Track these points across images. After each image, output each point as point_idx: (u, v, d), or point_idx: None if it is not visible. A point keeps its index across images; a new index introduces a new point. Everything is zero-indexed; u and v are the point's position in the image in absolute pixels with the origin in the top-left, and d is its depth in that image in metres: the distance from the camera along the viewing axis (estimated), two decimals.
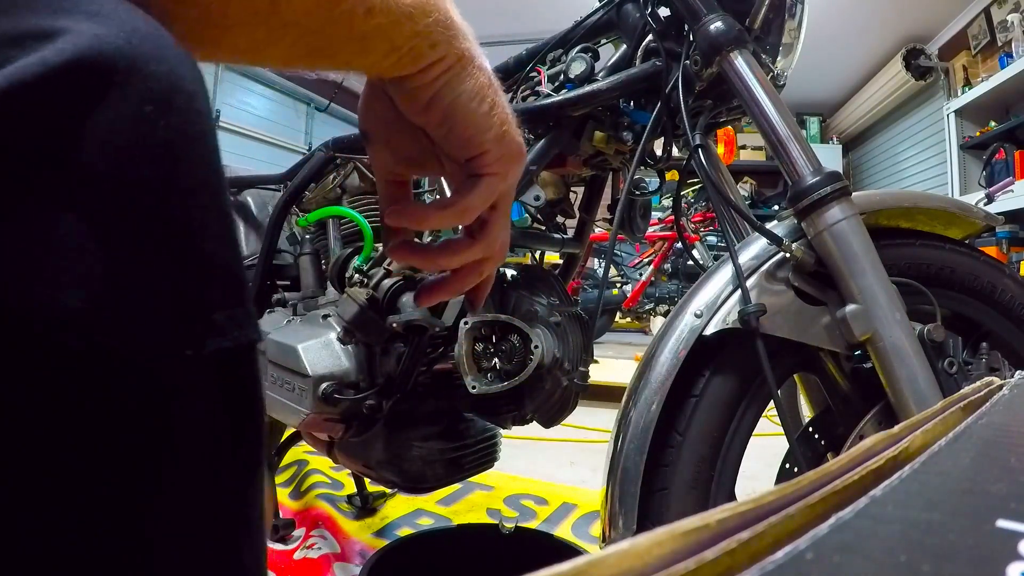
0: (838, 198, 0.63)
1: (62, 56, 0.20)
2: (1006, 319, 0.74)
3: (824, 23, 3.81)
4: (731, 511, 0.14)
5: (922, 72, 4.27)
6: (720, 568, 0.12)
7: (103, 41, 0.21)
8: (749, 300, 0.63)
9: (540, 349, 0.77)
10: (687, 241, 2.02)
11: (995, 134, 3.67)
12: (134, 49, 0.22)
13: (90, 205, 0.21)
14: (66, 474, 0.20)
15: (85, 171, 0.20)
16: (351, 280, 0.83)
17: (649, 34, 0.77)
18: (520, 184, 0.78)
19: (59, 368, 0.20)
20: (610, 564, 0.11)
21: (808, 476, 0.16)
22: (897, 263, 0.68)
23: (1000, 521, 0.14)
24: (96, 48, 0.21)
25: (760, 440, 0.78)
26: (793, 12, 0.79)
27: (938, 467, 0.19)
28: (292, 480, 1.57)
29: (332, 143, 0.99)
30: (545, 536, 1.16)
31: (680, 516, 0.13)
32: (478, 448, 0.93)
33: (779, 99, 0.67)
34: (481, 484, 1.52)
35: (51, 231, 0.20)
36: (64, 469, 0.20)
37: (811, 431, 0.74)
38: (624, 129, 0.82)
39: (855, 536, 0.14)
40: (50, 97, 0.20)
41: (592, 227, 1.03)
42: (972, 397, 0.27)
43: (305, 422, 0.82)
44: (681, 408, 0.64)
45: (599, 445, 1.89)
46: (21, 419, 0.19)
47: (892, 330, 0.61)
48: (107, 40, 0.21)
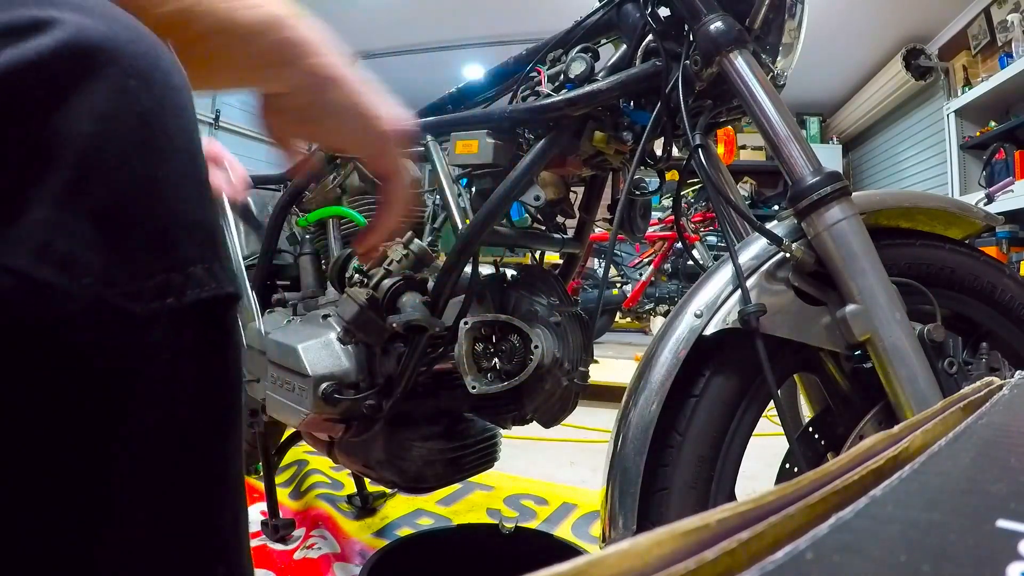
0: (838, 198, 0.63)
1: (57, 40, 0.23)
2: (1006, 319, 0.74)
3: (824, 23, 3.80)
4: (731, 511, 0.14)
5: (922, 72, 4.27)
6: (720, 568, 0.12)
7: (89, 28, 0.24)
8: (749, 300, 0.63)
9: (540, 349, 0.77)
10: (687, 241, 2.02)
11: (995, 134, 3.67)
12: (116, 35, 0.25)
13: (80, 166, 0.23)
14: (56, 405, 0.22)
15: (75, 137, 0.23)
16: (351, 280, 0.83)
17: (649, 34, 0.77)
18: (520, 184, 0.78)
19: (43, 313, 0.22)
20: (610, 564, 0.11)
21: (808, 476, 0.16)
22: (897, 263, 0.68)
23: (1000, 521, 0.14)
24: (85, 34, 0.24)
25: (760, 440, 0.78)
26: (793, 12, 0.79)
27: (938, 467, 0.19)
28: (292, 480, 1.57)
29: None
30: (545, 536, 1.16)
31: (680, 516, 0.13)
32: (478, 448, 0.93)
33: (779, 99, 0.67)
34: (481, 484, 1.52)
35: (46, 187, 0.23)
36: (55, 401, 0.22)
37: (811, 431, 0.74)
38: (624, 129, 0.82)
39: (855, 536, 0.14)
40: (46, 75, 0.23)
41: (592, 227, 1.03)
42: (972, 397, 0.27)
43: (305, 422, 0.82)
44: (681, 408, 0.64)
45: (599, 445, 1.89)
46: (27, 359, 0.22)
47: (892, 330, 0.61)
48: (93, 28, 0.24)
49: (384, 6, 4.13)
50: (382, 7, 4.13)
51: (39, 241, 0.22)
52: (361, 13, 4.21)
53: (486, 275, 0.88)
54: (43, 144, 0.23)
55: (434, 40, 4.52)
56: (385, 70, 5.02)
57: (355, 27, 4.41)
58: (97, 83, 0.24)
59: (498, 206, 0.78)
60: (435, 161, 0.86)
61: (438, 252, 0.90)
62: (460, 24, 4.27)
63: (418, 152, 0.99)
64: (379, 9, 4.15)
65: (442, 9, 4.11)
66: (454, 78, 1.23)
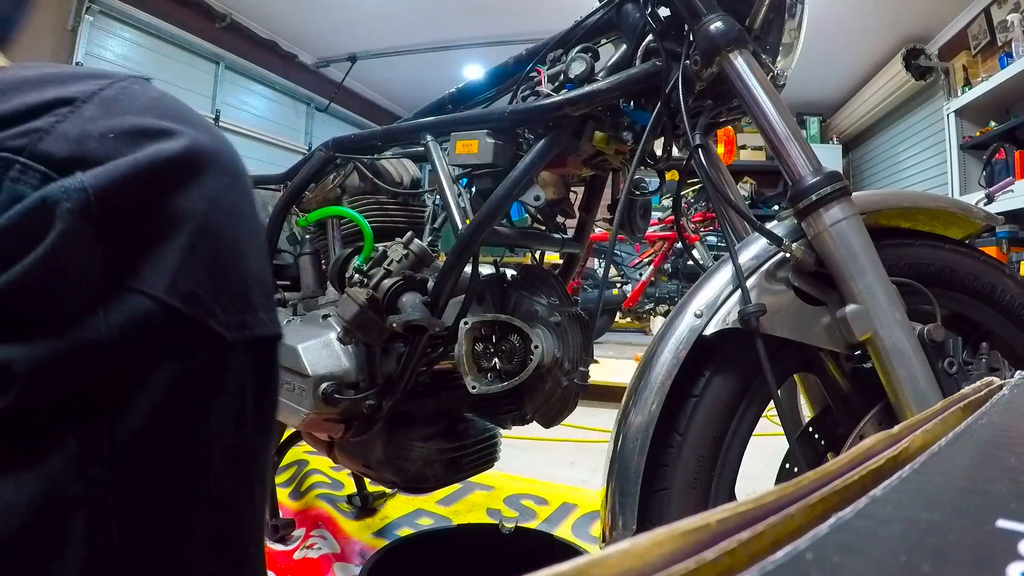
0: (838, 198, 0.63)
1: (182, 146, 0.34)
2: (1006, 319, 0.74)
3: (824, 23, 3.80)
4: (731, 511, 0.14)
5: (922, 72, 4.27)
6: (720, 568, 0.12)
7: (201, 139, 0.35)
8: (749, 300, 0.63)
9: (540, 349, 0.77)
10: (687, 241, 2.02)
11: (995, 134, 3.66)
12: (215, 145, 0.36)
13: (196, 232, 0.34)
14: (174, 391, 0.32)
15: (194, 212, 0.34)
16: (351, 280, 0.83)
17: (649, 34, 0.77)
18: (520, 184, 0.78)
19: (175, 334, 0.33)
20: (610, 564, 0.11)
21: (808, 476, 0.16)
22: (897, 263, 0.68)
23: (1000, 521, 0.14)
24: (198, 143, 0.35)
25: (760, 440, 0.78)
26: (793, 12, 0.79)
27: (938, 467, 0.19)
28: (292, 480, 1.57)
29: (332, 143, 0.99)
30: (545, 536, 1.16)
31: (680, 516, 0.13)
32: (478, 448, 0.93)
33: (779, 99, 0.67)
34: (481, 484, 1.52)
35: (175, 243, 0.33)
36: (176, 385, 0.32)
37: (811, 431, 0.74)
38: (624, 129, 0.82)
39: (855, 536, 0.14)
40: (177, 168, 0.34)
41: (592, 227, 1.03)
42: (972, 397, 0.27)
43: (305, 422, 0.82)
44: (681, 408, 0.64)
45: (599, 445, 1.89)
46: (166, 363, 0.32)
47: (892, 330, 0.61)
48: (202, 139, 0.35)
49: (384, 6, 4.13)
50: (382, 7, 4.13)
51: (170, 280, 0.32)
52: (361, 13, 4.21)
53: (486, 275, 0.88)
54: (173, 213, 0.33)
55: (434, 40, 4.52)
56: (385, 70, 5.02)
57: (355, 27, 4.41)
58: (206, 177, 0.35)
59: (498, 206, 0.78)
60: (435, 161, 0.86)
61: (438, 252, 0.90)
62: (460, 24, 4.27)
63: (418, 152, 1.00)
64: (379, 9, 4.15)
65: (442, 9, 4.11)
66: (454, 78, 1.23)
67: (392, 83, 5.39)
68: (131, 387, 0.31)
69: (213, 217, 0.34)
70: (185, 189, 0.34)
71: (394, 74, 5.11)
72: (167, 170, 0.33)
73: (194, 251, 0.33)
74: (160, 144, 0.33)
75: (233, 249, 0.35)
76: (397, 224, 0.97)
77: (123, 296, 0.31)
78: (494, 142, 0.80)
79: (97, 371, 0.30)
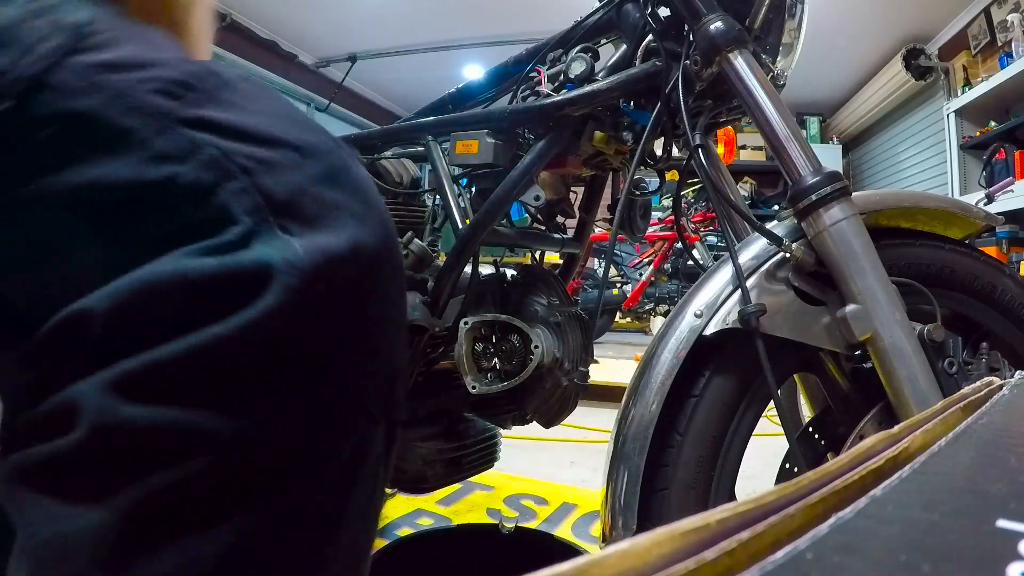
0: (838, 198, 0.63)
1: (349, 241, 0.33)
2: (1006, 319, 0.74)
3: (824, 23, 3.80)
4: (731, 511, 0.14)
5: (922, 72, 4.27)
6: (720, 568, 0.12)
7: (372, 235, 0.35)
8: (749, 300, 0.63)
9: (540, 349, 0.77)
10: (687, 241, 2.02)
11: (995, 134, 3.66)
12: (385, 242, 0.36)
13: (373, 337, 0.36)
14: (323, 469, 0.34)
15: (373, 317, 0.35)
16: None
17: (649, 34, 0.77)
18: (520, 184, 0.78)
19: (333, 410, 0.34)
20: (610, 564, 0.11)
21: (808, 476, 0.16)
22: (897, 263, 0.68)
23: (1000, 521, 0.14)
24: (370, 238, 0.35)
25: (760, 440, 0.78)
26: (793, 12, 0.79)
27: (938, 467, 0.19)
28: None
29: None
30: (545, 536, 1.16)
31: (680, 516, 0.13)
32: (478, 448, 0.93)
33: (779, 99, 0.67)
34: (481, 484, 1.52)
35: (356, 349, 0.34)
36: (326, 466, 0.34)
37: (811, 431, 0.74)
38: (624, 129, 0.82)
39: (855, 536, 0.14)
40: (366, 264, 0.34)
41: (592, 227, 1.03)
42: (972, 397, 0.27)
43: None
44: (681, 408, 0.64)
45: (599, 445, 1.89)
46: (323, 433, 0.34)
47: (892, 330, 0.61)
48: (371, 237, 0.35)
49: (384, 6, 4.13)
50: (382, 7, 4.13)
51: (356, 386, 0.35)
52: (361, 13, 4.21)
53: (486, 275, 0.88)
54: (361, 311, 0.34)
55: (434, 40, 4.52)
56: (385, 70, 5.02)
57: (356, 27, 4.41)
58: (381, 278, 0.36)
59: (498, 206, 0.78)
60: (435, 161, 0.86)
61: (438, 252, 0.90)
62: (460, 24, 4.27)
63: (418, 152, 1.00)
64: (379, 9, 4.15)
65: (442, 9, 4.11)
66: (454, 78, 1.23)
67: (392, 83, 5.39)
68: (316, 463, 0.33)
69: (384, 321, 0.36)
70: (373, 284, 0.35)
71: (394, 74, 5.11)
72: (358, 264, 0.33)
73: (370, 356, 0.35)
74: (330, 236, 0.33)
75: (392, 347, 0.37)
76: (397, 224, 0.97)
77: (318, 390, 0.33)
78: (494, 142, 0.80)
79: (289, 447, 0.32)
